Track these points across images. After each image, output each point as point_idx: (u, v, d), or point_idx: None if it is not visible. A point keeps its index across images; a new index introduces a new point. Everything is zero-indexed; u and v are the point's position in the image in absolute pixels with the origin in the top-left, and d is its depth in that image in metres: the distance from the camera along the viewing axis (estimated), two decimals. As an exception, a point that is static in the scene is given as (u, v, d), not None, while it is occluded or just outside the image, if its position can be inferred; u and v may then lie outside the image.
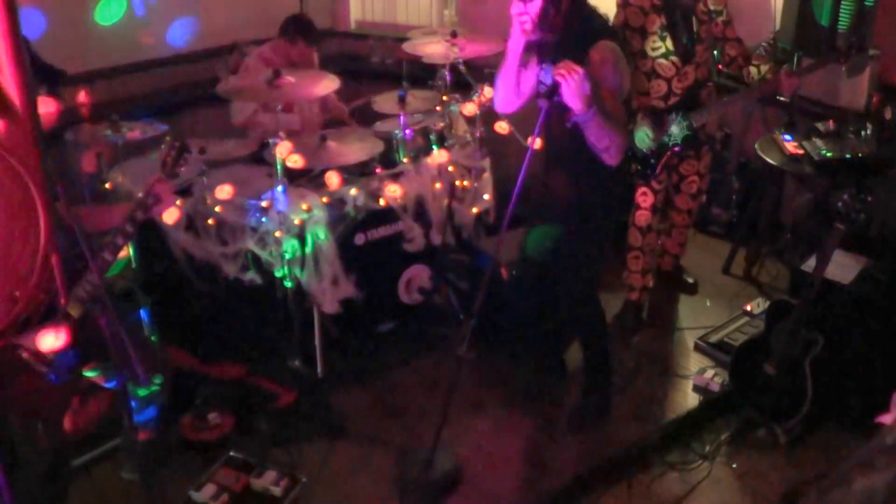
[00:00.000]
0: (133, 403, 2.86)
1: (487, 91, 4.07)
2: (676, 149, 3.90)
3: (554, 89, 2.77)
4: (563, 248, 3.28)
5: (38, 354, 2.59)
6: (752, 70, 3.91)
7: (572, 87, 2.73)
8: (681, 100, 3.83)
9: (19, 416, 2.58)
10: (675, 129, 3.85)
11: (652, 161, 3.91)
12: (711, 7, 3.80)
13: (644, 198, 4.01)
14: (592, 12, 3.03)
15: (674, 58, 3.76)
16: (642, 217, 4.04)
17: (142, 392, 2.84)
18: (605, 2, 3.79)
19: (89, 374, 2.74)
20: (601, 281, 3.73)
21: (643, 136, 3.85)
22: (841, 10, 4.11)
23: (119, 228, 2.68)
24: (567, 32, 2.91)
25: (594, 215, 3.21)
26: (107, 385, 2.66)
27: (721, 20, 3.84)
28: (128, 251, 3.64)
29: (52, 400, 2.66)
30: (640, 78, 3.81)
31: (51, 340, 2.54)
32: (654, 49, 3.75)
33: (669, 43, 3.74)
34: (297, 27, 4.63)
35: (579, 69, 2.74)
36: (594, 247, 3.32)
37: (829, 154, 4.04)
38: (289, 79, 3.65)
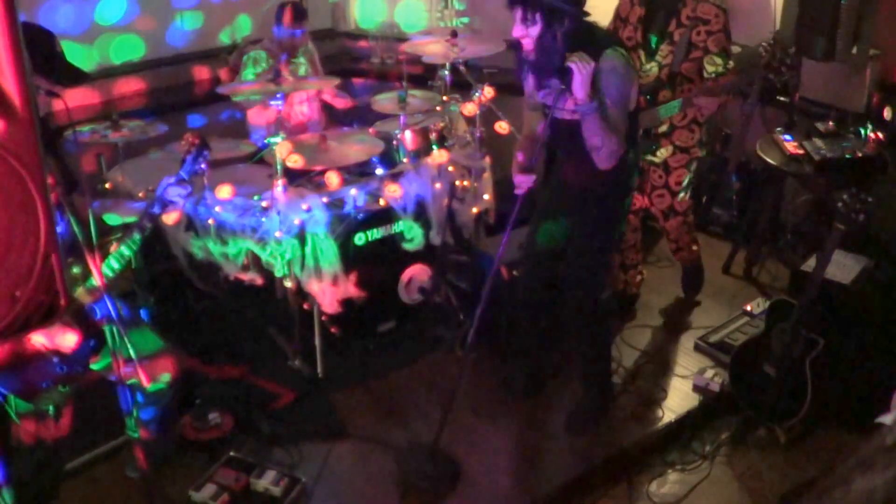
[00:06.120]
0: (140, 398, 2.86)
1: (487, 91, 4.08)
2: None
3: (565, 75, 2.85)
4: (572, 240, 3.30)
5: (45, 344, 2.60)
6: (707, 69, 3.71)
7: (584, 75, 2.82)
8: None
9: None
10: None
11: None
12: (700, 15, 3.63)
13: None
14: (593, 27, 3.04)
15: (641, 51, 3.74)
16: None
17: (150, 388, 2.84)
18: (604, 2, 3.81)
19: (96, 366, 2.75)
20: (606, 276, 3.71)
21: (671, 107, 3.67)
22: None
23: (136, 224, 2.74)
24: (572, 50, 2.90)
25: (603, 205, 3.22)
26: (111, 378, 2.66)
27: (705, 29, 3.63)
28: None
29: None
30: None
31: (62, 337, 2.57)
32: (628, 39, 3.73)
33: (640, 35, 3.74)
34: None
35: (592, 62, 2.84)
36: (604, 239, 3.32)
37: (829, 154, 4.05)
38: (288, 78, 3.66)
